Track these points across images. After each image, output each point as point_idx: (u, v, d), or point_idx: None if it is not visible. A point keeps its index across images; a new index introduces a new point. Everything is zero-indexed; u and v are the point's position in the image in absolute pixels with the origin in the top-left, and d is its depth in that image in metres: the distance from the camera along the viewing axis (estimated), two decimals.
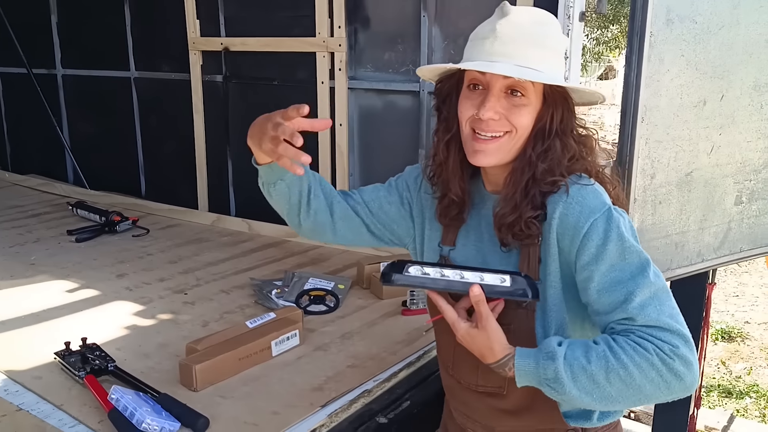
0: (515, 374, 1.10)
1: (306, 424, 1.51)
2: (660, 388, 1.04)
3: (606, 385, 1.04)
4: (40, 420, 1.49)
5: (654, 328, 1.04)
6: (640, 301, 1.06)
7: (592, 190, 1.15)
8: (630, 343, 1.04)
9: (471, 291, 1.09)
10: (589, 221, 1.11)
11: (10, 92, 4.48)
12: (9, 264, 2.61)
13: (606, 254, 1.10)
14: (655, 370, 1.02)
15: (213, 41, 3.21)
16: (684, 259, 2.44)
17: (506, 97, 1.14)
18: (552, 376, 1.06)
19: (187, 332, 1.97)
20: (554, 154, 1.15)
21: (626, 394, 1.05)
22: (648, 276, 1.08)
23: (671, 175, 2.29)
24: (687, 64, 2.19)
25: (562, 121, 1.16)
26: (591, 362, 1.05)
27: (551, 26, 1.17)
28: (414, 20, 2.62)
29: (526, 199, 1.15)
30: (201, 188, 3.43)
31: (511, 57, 1.12)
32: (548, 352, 1.08)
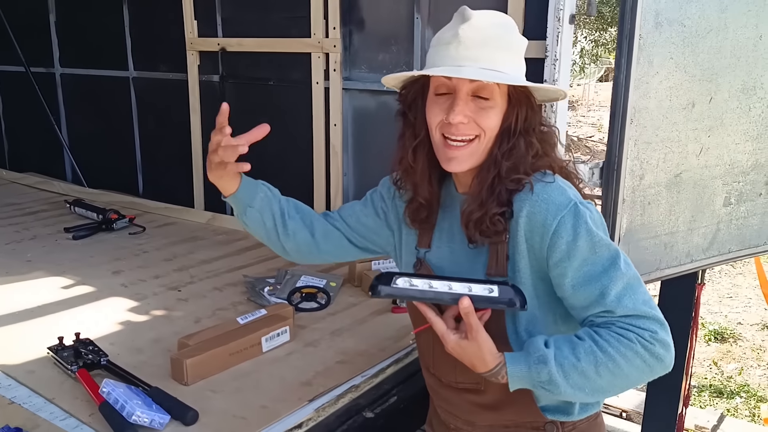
0: (508, 380, 1.13)
1: (293, 418, 1.53)
2: (644, 372, 1.10)
3: (596, 378, 1.09)
4: (32, 413, 1.52)
5: (632, 317, 1.10)
6: (616, 293, 1.10)
7: (557, 186, 1.17)
8: (613, 335, 1.09)
9: (461, 303, 1.11)
10: (557, 218, 1.13)
11: (9, 91, 4.51)
12: (5, 261, 2.63)
13: (577, 250, 1.13)
14: (640, 358, 1.08)
15: (210, 41, 3.24)
16: (673, 259, 2.47)
17: (473, 100, 1.17)
18: (546, 378, 1.10)
19: (179, 328, 2.00)
20: (518, 152, 1.18)
21: (615, 383, 1.11)
22: (620, 267, 1.12)
23: (660, 176, 2.32)
24: (676, 66, 2.22)
25: (526, 119, 1.19)
26: (580, 359, 1.09)
27: (511, 28, 1.19)
28: (407, 22, 2.65)
29: (492, 196, 1.17)
30: (197, 187, 3.46)
31: (476, 60, 1.14)
32: (539, 356, 1.11)
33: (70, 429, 1.47)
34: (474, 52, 1.14)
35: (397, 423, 1.70)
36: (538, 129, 1.22)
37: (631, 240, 2.31)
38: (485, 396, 1.25)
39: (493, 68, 1.14)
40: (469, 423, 1.32)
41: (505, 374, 1.13)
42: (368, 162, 2.92)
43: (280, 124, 3.14)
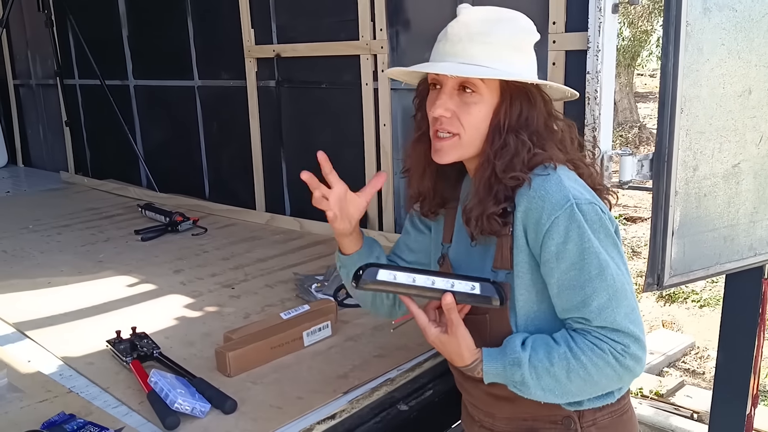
0: (483, 376, 1.17)
1: (327, 408, 1.59)
2: (613, 380, 1.15)
3: (567, 383, 1.13)
4: (87, 401, 1.64)
5: (608, 329, 1.12)
6: (597, 304, 1.12)
7: (556, 180, 1.15)
8: (588, 343, 1.13)
9: (444, 299, 1.13)
10: (551, 218, 1.13)
11: (89, 103, 4.80)
12: (78, 261, 2.83)
13: (566, 253, 1.13)
14: (610, 367, 1.12)
15: (266, 48, 3.35)
16: (734, 253, 2.37)
17: (459, 94, 1.18)
18: (519, 379, 1.14)
19: (229, 323, 2.09)
20: (509, 150, 1.17)
21: (584, 389, 1.16)
22: (605, 278, 1.12)
23: (716, 167, 2.23)
24: (728, 53, 2.13)
25: (520, 115, 1.18)
26: (554, 364, 1.13)
27: (503, 23, 1.18)
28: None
29: (489, 195, 1.18)
30: (258, 189, 3.58)
31: (456, 56, 1.17)
32: (514, 358, 1.14)
33: (121, 416, 1.57)
34: (456, 47, 1.17)
35: (433, 417, 1.72)
36: (540, 124, 1.20)
37: (686, 233, 2.23)
38: (498, 387, 1.26)
39: (473, 62, 1.14)
40: (490, 415, 1.33)
41: (481, 370, 1.17)
42: None
43: (333, 126, 3.24)
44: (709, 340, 5.04)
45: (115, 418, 1.55)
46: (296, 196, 3.50)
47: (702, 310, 5.65)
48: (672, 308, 5.72)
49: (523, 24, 1.22)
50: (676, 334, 5.22)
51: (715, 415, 2.88)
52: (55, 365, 1.86)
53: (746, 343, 2.73)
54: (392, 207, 3.00)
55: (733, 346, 2.78)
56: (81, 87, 4.80)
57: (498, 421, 1.32)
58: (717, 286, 5.84)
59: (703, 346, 5.03)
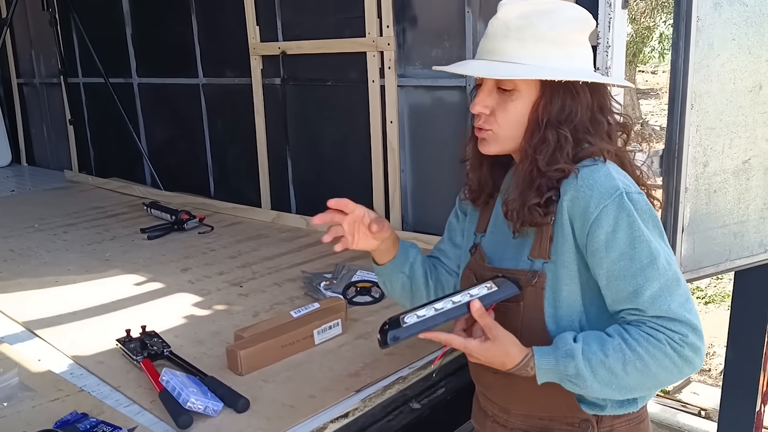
0: (536, 373, 1.13)
1: (340, 407, 1.58)
2: (673, 374, 1.10)
3: (624, 375, 1.09)
4: (99, 400, 1.63)
5: (664, 318, 1.08)
6: (651, 293, 1.09)
7: (605, 171, 1.13)
8: (643, 334, 1.09)
9: (472, 307, 1.12)
10: (600, 207, 1.11)
11: (93, 101, 4.80)
12: (85, 260, 2.82)
13: (616, 242, 1.11)
14: (669, 359, 1.08)
15: (271, 46, 3.35)
16: (744, 249, 2.36)
17: (497, 91, 1.18)
18: (573, 372, 1.10)
19: (238, 321, 2.08)
20: (548, 145, 1.15)
21: (643, 382, 1.11)
22: (658, 267, 1.10)
23: (726, 163, 2.23)
24: (739, 48, 2.12)
25: (562, 110, 1.16)
26: (608, 356, 1.09)
27: (542, 16, 1.15)
28: (459, 17, 2.64)
29: (531, 188, 1.17)
30: (263, 187, 3.58)
31: (492, 53, 1.16)
32: (567, 350, 1.11)
33: (133, 415, 1.57)
34: (493, 45, 1.16)
35: (444, 415, 1.72)
36: (585, 118, 1.17)
37: (696, 230, 2.22)
38: (517, 379, 1.25)
39: (507, 60, 1.14)
40: (505, 410, 1.32)
41: (533, 366, 1.13)
42: (425, 158, 2.94)
43: (339, 124, 3.23)
44: (714, 337, 5.03)
45: (128, 417, 1.54)
46: (302, 194, 3.49)
47: (707, 307, 5.64)
48: None
49: (568, 14, 1.16)
50: None
51: (725, 412, 2.87)
52: (65, 364, 1.86)
53: (755, 340, 2.72)
54: (399, 204, 2.99)
55: (742, 343, 2.77)
56: (85, 85, 4.80)
57: (513, 417, 1.31)
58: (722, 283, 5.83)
59: (708, 343, 5.01)
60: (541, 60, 1.14)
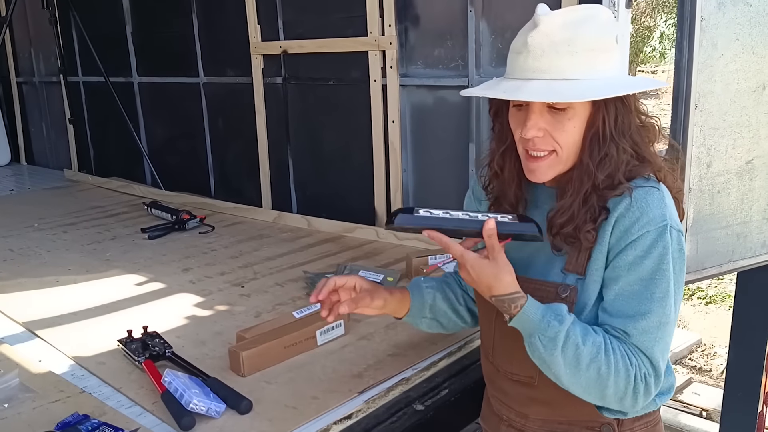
0: (517, 315, 1.12)
1: (343, 408, 1.57)
2: (618, 397, 1.12)
3: (584, 370, 1.10)
4: (100, 401, 1.62)
5: (642, 353, 1.12)
6: (645, 325, 1.11)
7: (659, 197, 1.12)
8: (623, 350, 1.12)
9: (486, 225, 1.10)
10: (643, 231, 1.11)
11: (92, 100, 4.78)
12: (86, 260, 2.81)
13: (641, 267, 1.11)
14: (626, 382, 1.10)
15: (272, 45, 3.33)
16: (747, 250, 2.36)
17: (549, 111, 1.12)
18: (551, 335, 1.10)
19: (240, 322, 2.07)
20: (611, 160, 1.12)
21: (590, 386, 1.12)
22: (665, 306, 1.11)
23: (730, 164, 2.22)
24: (743, 48, 2.12)
25: (617, 121, 1.12)
26: (585, 344, 1.10)
27: (585, 24, 1.10)
28: (461, 16, 2.63)
29: (584, 208, 1.14)
30: (264, 187, 3.57)
31: (544, 72, 1.09)
32: (558, 314, 1.11)
33: (135, 416, 1.55)
34: (542, 62, 1.09)
35: (448, 416, 1.71)
36: (634, 126, 1.15)
37: (699, 230, 2.22)
38: (538, 390, 1.24)
39: (563, 77, 1.08)
40: (522, 416, 1.31)
41: (519, 306, 1.12)
42: (427, 158, 2.93)
43: (341, 123, 3.22)
44: (715, 338, 5.03)
45: (129, 419, 1.53)
46: (303, 194, 3.48)
47: (708, 307, 5.64)
48: None
49: (604, 18, 1.13)
50: (682, 331, 5.20)
51: (727, 413, 2.87)
52: (66, 365, 1.85)
53: (758, 341, 2.72)
54: (400, 204, 2.98)
55: (744, 343, 2.77)
56: (85, 84, 4.78)
57: (531, 422, 1.30)
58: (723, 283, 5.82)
59: (709, 344, 5.01)
60: (592, 71, 1.10)
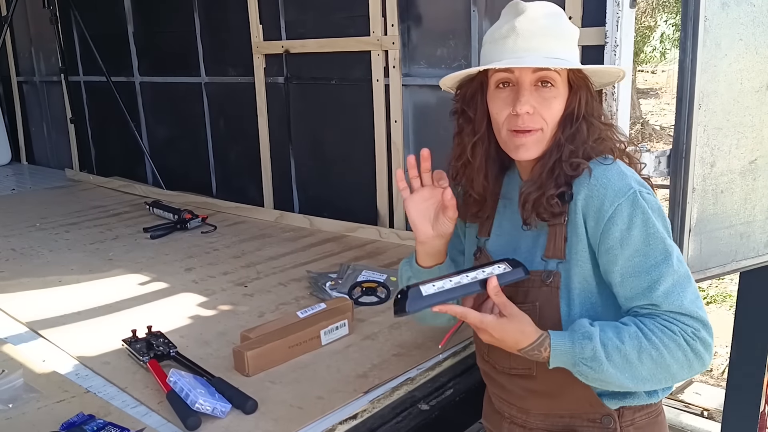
0: (550, 354, 1.13)
1: (348, 408, 1.57)
2: (684, 367, 1.12)
3: (638, 364, 1.10)
4: (105, 401, 1.62)
5: (677, 313, 1.11)
6: (664, 289, 1.11)
7: (617, 170, 1.17)
8: (658, 325, 1.11)
9: (489, 284, 1.13)
10: (614, 205, 1.13)
11: (94, 100, 4.77)
12: (88, 260, 2.81)
13: (630, 239, 1.13)
14: (682, 351, 1.10)
15: (275, 44, 3.33)
16: (750, 250, 2.36)
17: (537, 90, 1.19)
18: (590, 354, 1.10)
19: (244, 322, 2.07)
20: (581, 136, 1.20)
21: (656, 373, 1.12)
22: (671, 263, 1.12)
23: (733, 163, 2.22)
24: (746, 48, 2.12)
25: (587, 103, 1.22)
26: (624, 342, 1.10)
27: (561, 17, 1.23)
28: (464, 15, 2.63)
29: (551, 179, 1.19)
30: (266, 186, 3.57)
31: (537, 50, 1.18)
32: (584, 332, 1.11)
33: (140, 416, 1.55)
34: (533, 43, 1.18)
35: (453, 415, 1.71)
36: (598, 113, 1.24)
37: (703, 230, 2.22)
38: (537, 382, 1.25)
39: (554, 56, 1.18)
40: (524, 411, 1.31)
41: (548, 346, 1.12)
42: None
43: (343, 122, 3.22)
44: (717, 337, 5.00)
45: (135, 419, 1.53)
46: (305, 194, 3.48)
47: (709, 307, 5.65)
48: None
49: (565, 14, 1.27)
50: None
51: (728, 412, 2.87)
52: (70, 365, 1.85)
53: (760, 341, 2.72)
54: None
55: (746, 343, 2.77)
56: (86, 83, 4.78)
57: (533, 417, 1.30)
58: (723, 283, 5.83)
59: None
60: (571, 55, 1.22)
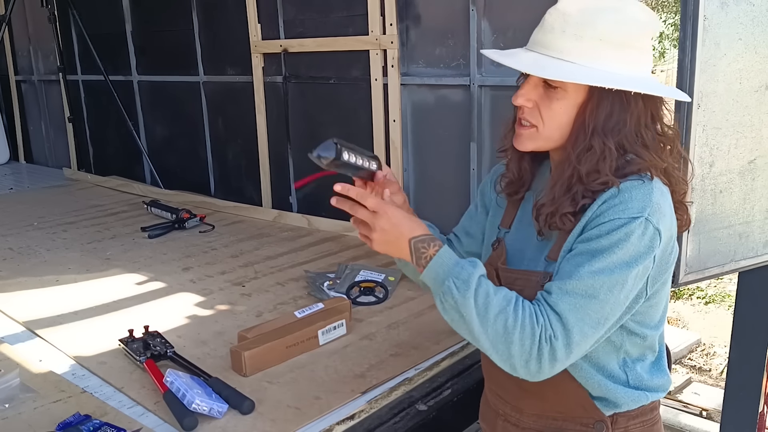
0: (434, 255, 1.12)
1: (346, 409, 1.57)
2: (523, 355, 1.06)
3: (492, 321, 1.07)
4: (102, 401, 1.62)
5: (555, 313, 1.07)
6: (567, 288, 1.07)
7: (646, 191, 1.08)
8: (531, 307, 1.09)
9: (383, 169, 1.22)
10: (614, 217, 1.07)
11: (92, 99, 4.76)
12: (86, 259, 2.80)
13: (597, 241, 1.08)
14: (531, 341, 1.06)
15: (273, 44, 3.33)
16: (749, 250, 2.35)
17: (543, 86, 1.13)
18: (464, 277, 1.09)
19: (242, 322, 2.07)
20: (593, 154, 1.10)
21: (499, 340, 1.08)
22: (597, 280, 1.06)
23: (732, 163, 2.21)
24: (746, 48, 2.11)
25: (610, 118, 1.10)
26: (496, 294, 1.08)
27: (604, 13, 1.08)
28: (463, 15, 2.63)
29: (566, 195, 1.13)
30: (264, 186, 3.56)
31: (546, 47, 1.11)
32: (472, 261, 1.12)
33: (137, 416, 1.55)
34: (547, 38, 1.11)
35: (451, 416, 1.70)
36: (631, 129, 1.11)
37: (702, 230, 2.21)
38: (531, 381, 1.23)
39: (561, 57, 1.09)
40: (517, 410, 1.31)
41: (436, 245, 1.13)
42: (428, 157, 2.93)
43: (342, 122, 3.21)
44: (715, 337, 5.02)
45: (131, 419, 1.53)
46: (303, 193, 3.47)
47: (707, 307, 5.64)
48: (677, 305, 5.71)
49: (633, 14, 1.10)
50: (681, 331, 5.20)
51: (727, 413, 2.86)
52: (67, 365, 1.84)
53: (759, 341, 2.71)
54: None
55: (745, 343, 2.76)
56: (84, 83, 4.77)
57: (525, 417, 1.30)
58: (722, 283, 5.83)
59: (709, 343, 5.01)
60: (595, 61, 1.09)
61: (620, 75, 1.09)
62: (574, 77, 1.09)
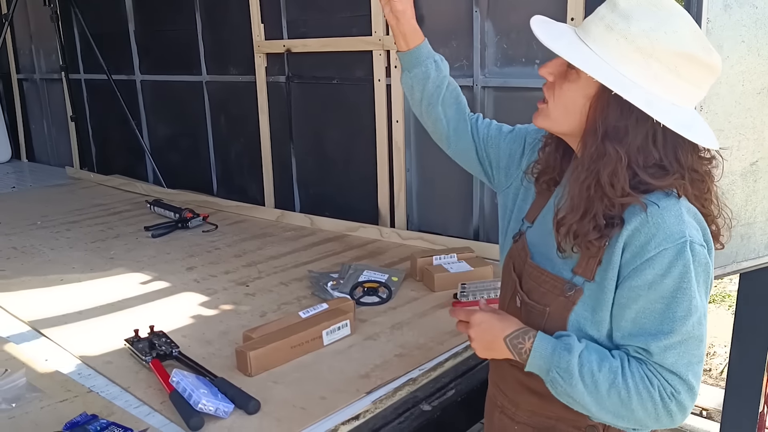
0: (532, 349, 1.13)
1: (351, 409, 1.58)
2: (650, 418, 1.09)
3: (605, 396, 1.09)
4: (108, 401, 1.63)
5: (666, 370, 1.08)
6: (667, 344, 1.07)
7: (676, 212, 1.06)
8: (640, 372, 1.09)
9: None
10: (659, 248, 1.05)
11: (95, 98, 4.77)
12: (90, 258, 2.81)
13: (661, 286, 1.06)
14: (653, 403, 1.08)
15: (276, 44, 3.33)
16: (751, 251, 2.36)
17: (567, 65, 1.11)
18: (564, 366, 1.10)
19: (246, 321, 2.08)
20: (609, 161, 1.06)
21: (619, 411, 1.10)
22: (687, 323, 1.06)
23: (734, 165, 2.22)
24: (748, 50, 2.12)
25: (617, 123, 1.06)
26: (601, 370, 1.09)
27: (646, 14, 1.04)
28: (467, 16, 2.64)
29: (588, 214, 1.09)
30: (267, 185, 3.57)
31: (587, 33, 1.09)
32: (567, 343, 1.11)
33: (143, 416, 1.56)
34: (589, 19, 1.11)
35: (455, 416, 1.71)
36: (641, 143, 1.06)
37: None
38: (531, 377, 1.23)
39: (585, 41, 1.08)
40: (514, 403, 1.31)
41: (532, 338, 1.14)
42: (431, 157, 2.93)
43: (344, 122, 3.22)
44: (715, 337, 5.03)
45: (138, 419, 1.54)
46: (306, 193, 3.48)
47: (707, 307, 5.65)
48: None
49: (674, 26, 1.03)
50: None
51: (727, 413, 2.87)
52: (73, 364, 1.85)
53: (759, 342, 2.72)
54: (404, 203, 2.98)
55: (746, 344, 2.77)
56: (86, 81, 4.78)
57: (521, 412, 1.30)
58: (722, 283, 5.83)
59: (709, 343, 5.03)
60: (614, 58, 1.05)
61: (631, 81, 1.05)
62: (574, 60, 1.06)
